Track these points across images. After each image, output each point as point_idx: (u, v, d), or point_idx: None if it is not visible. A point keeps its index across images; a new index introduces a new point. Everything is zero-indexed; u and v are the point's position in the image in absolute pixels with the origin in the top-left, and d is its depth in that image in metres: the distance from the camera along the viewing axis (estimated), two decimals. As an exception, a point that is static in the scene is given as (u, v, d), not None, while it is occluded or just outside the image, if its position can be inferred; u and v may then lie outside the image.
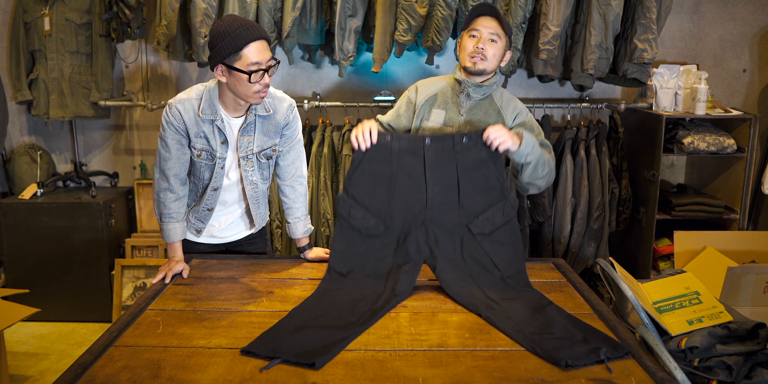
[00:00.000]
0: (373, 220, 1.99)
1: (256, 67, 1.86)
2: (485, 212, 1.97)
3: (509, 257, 1.95)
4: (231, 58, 1.85)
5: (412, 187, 1.99)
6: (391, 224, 1.98)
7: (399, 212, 1.98)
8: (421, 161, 1.99)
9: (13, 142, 3.76)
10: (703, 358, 1.72)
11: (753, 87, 3.71)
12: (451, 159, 1.98)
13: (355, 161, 2.01)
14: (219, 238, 2.25)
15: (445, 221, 1.97)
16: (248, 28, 1.86)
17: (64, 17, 3.39)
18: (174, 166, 2.03)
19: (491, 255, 1.94)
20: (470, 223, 1.97)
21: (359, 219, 1.99)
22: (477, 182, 1.98)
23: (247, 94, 1.90)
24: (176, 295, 1.88)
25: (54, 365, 3.08)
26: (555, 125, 3.64)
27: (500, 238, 1.96)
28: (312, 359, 1.43)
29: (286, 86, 3.65)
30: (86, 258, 3.51)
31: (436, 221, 1.97)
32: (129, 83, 3.72)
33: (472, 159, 1.97)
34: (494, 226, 1.96)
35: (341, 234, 2.01)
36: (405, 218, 1.98)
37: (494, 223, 1.96)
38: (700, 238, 3.11)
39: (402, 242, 1.96)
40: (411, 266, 1.92)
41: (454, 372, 1.42)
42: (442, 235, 1.97)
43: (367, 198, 2.00)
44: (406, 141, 2.01)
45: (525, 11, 3.03)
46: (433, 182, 1.98)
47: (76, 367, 1.42)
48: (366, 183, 2.01)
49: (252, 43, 1.85)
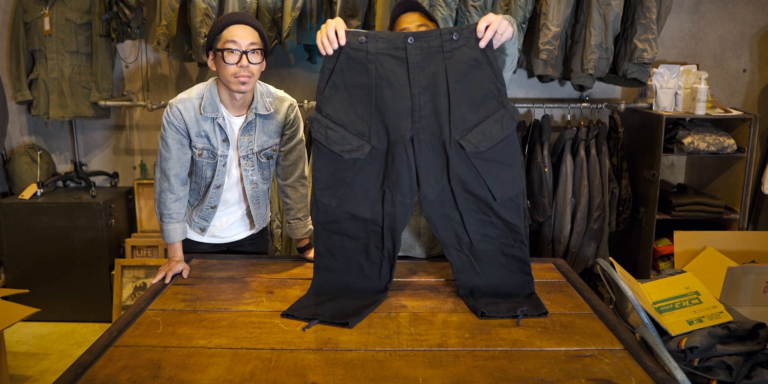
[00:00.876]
0: (355, 140, 1.75)
1: (231, 46, 1.89)
2: (480, 124, 1.73)
3: (504, 178, 1.74)
4: (214, 41, 1.94)
5: (396, 98, 1.73)
6: (376, 143, 1.75)
7: (383, 128, 1.75)
8: (404, 65, 1.71)
9: (13, 142, 3.76)
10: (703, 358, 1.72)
11: (753, 87, 3.71)
12: (439, 61, 1.71)
13: (326, 72, 1.74)
14: (220, 238, 2.25)
15: (434, 137, 1.74)
16: (236, 14, 1.96)
17: (64, 17, 3.39)
18: (175, 166, 2.03)
19: (484, 175, 1.74)
20: (462, 138, 1.72)
21: (338, 141, 1.75)
22: (470, 89, 1.72)
23: (227, 78, 1.92)
24: (176, 295, 1.88)
25: (54, 365, 3.08)
26: (555, 125, 3.64)
27: (496, 157, 1.74)
28: (346, 319, 1.61)
29: (286, 86, 3.65)
30: (86, 258, 3.51)
31: (425, 136, 1.74)
32: (129, 83, 3.72)
33: (464, 60, 1.70)
34: (491, 142, 1.73)
35: (321, 161, 1.78)
36: (390, 135, 1.75)
37: (491, 138, 1.73)
38: (700, 238, 3.11)
39: (390, 163, 1.75)
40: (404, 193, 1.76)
41: (454, 372, 1.42)
42: (430, 154, 1.75)
43: (344, 115, 1.76)
44: (384, 41, 1.72)
45: (525, 11, 3.03)
46: (420, 90, 1.72)
47: (76, 367, 1.42)
48: (341, 97, 1.75)
49: (233, 25, 1.92)
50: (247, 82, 1.93)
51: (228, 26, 1.92)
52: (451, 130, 1.73)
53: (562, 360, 1.47)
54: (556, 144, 3.39)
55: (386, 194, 1.77)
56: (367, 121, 1.75)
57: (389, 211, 1.77)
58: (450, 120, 1.73)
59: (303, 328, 1.61)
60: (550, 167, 3.31)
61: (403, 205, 1.77)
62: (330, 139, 1.76)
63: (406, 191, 1.76)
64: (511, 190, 1.76)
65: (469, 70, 1.71)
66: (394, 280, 1.95)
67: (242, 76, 1.91)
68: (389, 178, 1.76)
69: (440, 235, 1.80)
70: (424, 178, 1.75)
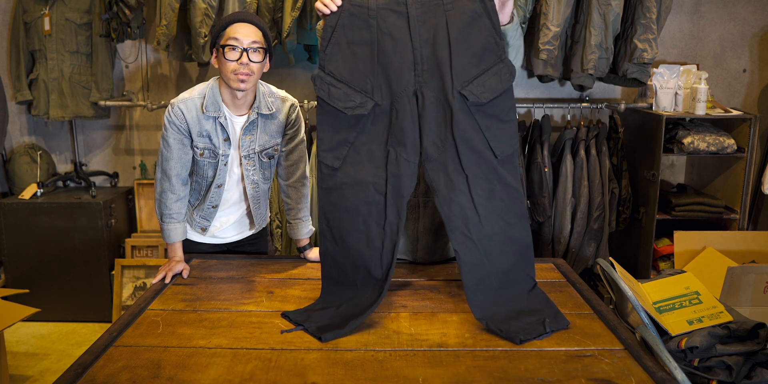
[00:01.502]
0: (358, 97, 1.74)
1: (232, 43, 1.91)
2: (480, 77, 1.73)
3: (502, 135, 1.74)
4: (218, 38, 1.96)
5: (398, 52, 1.72)
6: (379, 99, 1.74)
7: (386, 83, 1.74)
8: (405, 19, 1.72)
9: (13, 142, 3.76)
10: (703, 358, 1.72)
11: (753, 87, 3.71)
12: (439, 13, 1.71)
13: (328, 30, 1.74)
14: (220, 238, 2.25)
15: (437, 88, 1.73)
16: (240, 12, 1.99)
17: (64, 17, 3.39)
18: (176, 166, 2.03)
19: (484, 130, 1.72)
20: (464, 88, 1.71)
21: (341, 98, 1.74)
22: (470, 40, 1.72)
23: (227, 75, 1.93)
24: (176, 295, 1.88)
25: (54, 365, 3.08)
26: (555, 125, 3.64)
27: (495, 111, 1.73)
28: (321, 334, 1.57)
29: (286, 86, 3.65)
30: (86, 258, 3.51)
31: (428, 90, 1.73)
32: (129, 83, 3.72)
33: (464, 11, 1.71)
34: (491, 94, 1.72)
35: (324, 119, 1.76)
36: (394, 90, 1.73)
37: (491, 90, 1.72)
38: (700, 238, 3.11)
39: (395, 119, 1.73)
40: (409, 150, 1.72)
41: (454, 372, 1.42)
42: (434, 109, 1.73)
43: (347, 72, 1.75)
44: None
45: (525, 11, 3.03)
46: (421, 44, 1.72)
47: (76, 367, 1.42)
48: (344, 54, 1.75)
49: (237, 23, 1.94)
50: (246, 80, 1.92)
51: (231, 24, 1.94)
52: (453, 81, 1.71)
53: (562, 360, 1.47)
54: (556, 144, 3.39)
55: (390, 154, 1.73)
56: (370, 77, 1.74)
57: (393, 172, 1.72)
58: (452, 71, 1.71)
59: (281, 331, 1.61)
60: (550, 167, 3.31)
61: (408, 164, 1.72)
62: (333, 96, 1.74)
63: (410, 148, 1.72)
64: (509, 148, 1.75)
65: (469, 22, 1.71)
66: (394, 280, 1.95)
67: (241, 74, 1.91)
68: (393, 135, 1.73)
69: (445, 212, 1.71)
70: (428, 135, 1.72)
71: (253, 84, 1.96)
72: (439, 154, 1.73)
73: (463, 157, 1.71)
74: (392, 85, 1.73)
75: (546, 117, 3.35)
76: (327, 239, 1.80)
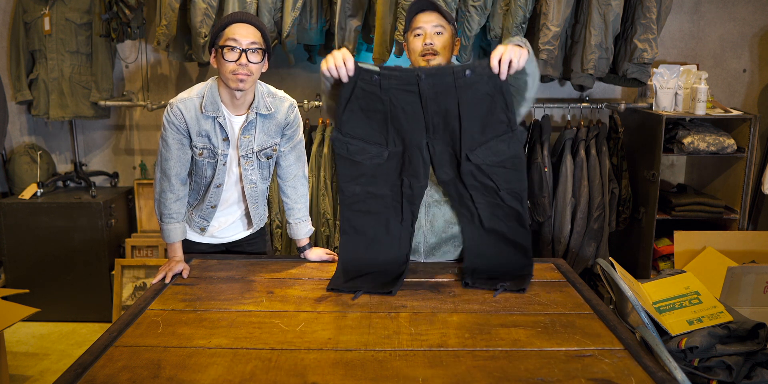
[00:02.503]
0: (374, 149, 1.91)
1: (231, 43, 1.91)
2: (487, 143, 1.86)
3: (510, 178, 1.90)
4: (217, 38, 1.96)
5: (410, 120, 1.86)
6: (393, 150, 1.91)
7: (398, 138, 1.89)
8: (417, 97, 1.82)
9: (13, 142, 3.76)
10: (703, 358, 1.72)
11: (753, 87, 3.71)
12: (451, 94, 1.81)
13: (342, 100, 1.86)
14: (219, 238, 2.26)
15: (447, 146, 1.89)
16: (239, 13, 1.99)
17: (64, 17, 3.39)
18: (175, 166, 2.03)
19: (491, 175, 1.89)
20: (471, 152, 1.86)
21: (359, 152, 1.92)
22: (481, 116, 1.84)
23: (225, 75, 1.93)
24: (176, 295, 1.88)
25: (54, 365, 3.08)
26: (555, 125, 3.64)
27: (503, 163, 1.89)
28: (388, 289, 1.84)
29: (286, 86, 3.65)
30: (86, 258, 3.51)
31: (438, 144, 1.89)
32: (129, 83, 3.72)
33: (477, 94, 1.81)
34: (497, 157, 1.87)
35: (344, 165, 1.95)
36: (406, 143, 1.89)
37: (497, 153, 1.87)
38: (700, 238, 3.11)
39: (407, 161, 1.92)
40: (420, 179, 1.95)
41: (454, 372, 1.42)
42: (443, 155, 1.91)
43: (362, 132, 1.90)
44: (396, 78, 1.81)
45: (525, 11, 3.03)
46: (432, 114, 1.84)
47: (76, 367, 1.42)
48: (358, 118, 1.89)
49: (236, 23, 1.94)
50: (245, 79, 1.93)
51: (231, 24, 1.94)
52: (461, 147, 1.86)
53: (562, 360, 1.47)
54: (556, 144, 3.39)
55: (404, 181, 1.94)
56: (384, 133, 1.89)
57: (407, 192, 1.95)
58: (461, 139, 1.85)
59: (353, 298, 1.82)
60: (550, 167, 3.31)
61: (419, 187, 1.96)
62: (351, 152, 1.92)
63: (422, 178, 1.94)
64: (516, 186, 1.92)
65: (481, 99, 1.81)
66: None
67: (240, 74, 1.91)
68: (406, 170, 1.93)
69: (457, 208, 2.01)
70: (439, 168, 1.93)
71: (251, 84, 1.96)
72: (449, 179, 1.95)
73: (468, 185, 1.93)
74: (405, 139, 1.89)
75: (546, 117, 3.35)
76: (348, 234, 2.00)
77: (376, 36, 3.14)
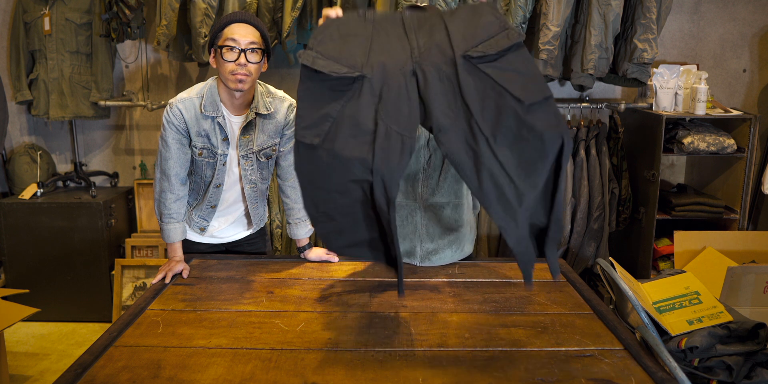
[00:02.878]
0: (345, 68, 1.57)
1: (230, 43, 1.91)
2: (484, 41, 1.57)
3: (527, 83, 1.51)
4: (215, 38, 1.95)
5: (393, 41, 1.63)
6: (369, 73, 1.57)
7: (377, 63, 1.58)
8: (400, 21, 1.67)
9: (13, 142, 3.76)
10: (703, 358, 1.72)
11: (753, 87, 3.71)
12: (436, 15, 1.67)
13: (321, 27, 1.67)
14: (219, 238, 2.26)
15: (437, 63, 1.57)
16: (239, 13, 1.99)
17: (64, 17, 3.39)
18: (174, 166, 2.03)
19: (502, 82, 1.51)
20: (466, 51, 1.56)
21: (327, 66, 1.56)
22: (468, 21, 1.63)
23: (225, 75, 1.93)
24: (176, 295, 1.88)
25: (54, 365, 3.08)
26: (555, 125, 3.64)
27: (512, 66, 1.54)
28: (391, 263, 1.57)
29: (286, 86, 3.65)
30: (86, 258, 3.51)
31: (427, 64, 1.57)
32: (129, 83, 3.72)
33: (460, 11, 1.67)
34: (498, 48, 1.55)
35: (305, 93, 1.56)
36: (387, 69, 1.57)
37: (497, 46, 1.55)
38: (700, 238, 3.11)
39: (386, 93, 1.55)
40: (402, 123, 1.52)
41: (454, 372, 1.42)
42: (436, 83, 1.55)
43: (336, 52, 1.60)
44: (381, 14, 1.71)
45: (525, 11, 3.03)
46: (417, 35, 1.64)
47: (76, 367, 1.42)
48: (335, 40, 1.63)
49: (235, 23, 1.94)
50: (244, 80, 1.93)
51: (230, 24, 1.94)
52: (454, 52, 1.57)
53: (562, 360, 1.47)
54: (556, 144, 3.39)
55: (379, 127, 1.51)
56: (360, 57, 1.59)
57: (383, 145, 1.48)
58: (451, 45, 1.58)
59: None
60: (550, 167, 3.31)
61: (400, 139, 1.49)
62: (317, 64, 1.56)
63: (404, 122, 1.52)
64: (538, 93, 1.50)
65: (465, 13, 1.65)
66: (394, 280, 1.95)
67: (239, 74, 1.91)
68: (384, 109, 1.53)
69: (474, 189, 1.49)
70: (436, 107, 1.52)
71: (251, 84, 1.96)
72: (452, 122, 1.51)
73: (479, 117, 1.49)
74: (385, 65, 1.58)
75: (546, 117, 3.34)
76: (320, 221, 1.60)
77: (376, 36, 3.13)
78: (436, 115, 1.52)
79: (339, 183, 1.53)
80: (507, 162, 1.48)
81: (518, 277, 2.04)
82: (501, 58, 1.55)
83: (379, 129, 1.50)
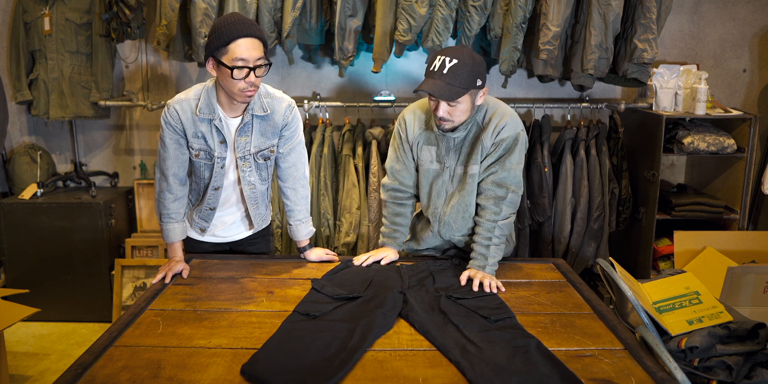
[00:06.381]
0: (346, 291, 1.88)
1: (240, 64, 1.85)
2: (465, 286, 1.94)
3: (495, 307, 1.77)
4: (219, 52, 1.86)
5: (388, 282, 1.95)
6: (366, 295, 1.86)
7: (373, 292, 1.87)
8: (397, 272, 2.04)
9: (13, 142, 3.76)
10: (703, 358, 1.72)
11: (753, 87, 3.71)
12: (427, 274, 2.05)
13: (333, 270, 2.08)
14: (221, 237, 2.25)
15: (423, 294, 1.86)
16: (242, 24, 1.86)
17: (64, 17, 3.39)
18: (173, 166, 2.03)
19: (475, 309, 1.76)
20: (447, 292, 1.88)
21: (331, 289, 1.89)
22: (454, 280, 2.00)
23: (233, 90, 1.90)
24: (176, 295, 1.88)
25: (54, 365, 3.08)
26: (555, 125, 3.64)
27: (484, 302, 1.81)
28: None
29: (286, 86, 3.65)
30: (86, 258, 3.51)
31: (413, 293, 1.85)
32: (129, 83, 3.72)
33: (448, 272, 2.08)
34: (476, 294, 1.87)
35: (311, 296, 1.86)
36: (380, 293, 1.85)
37: (477, 293, 1.88)
38: (700, 238, 3.11)
39: (378, 304, 1.77)
40: (387, 308, 1.74)
41: (454, 372, 1.42)
42: (419, 299, 1.82)
43: (338, 286, 1.93)
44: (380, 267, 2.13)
45: (525, 11, 3.03)
46: (410, 283, 1.95)
47: (76, 367, 1.42)
48: (340, 278, 2.00)
49: (241, 39, 1.84)
50: (252, 94, 1.93)
51: (235, 39, 1.84)
52: (438, 290, 1.90)
53: (561, 360, 1.47)
54: (556, 144, 3.39)
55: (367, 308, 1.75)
56: (360, 289, 1.90)
57: (366, 321, 1.65)
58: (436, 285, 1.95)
59: None
60: (550, 167, 3.31)
61: (383, 316, 1.69)
62: (324, 288, 1.90)
63: (389, 306, 1.75)
64: (505, 314, 1.73)
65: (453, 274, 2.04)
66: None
67: (249, 91, 1.90)
68: (374, 301, 1.79)
69: (437, 342, 1.59)
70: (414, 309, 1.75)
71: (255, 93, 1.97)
72: (427, 314, 1.73)
73: (453, 317, 1.70)
74: (379, 292, 1.86)
75: (546, 117, 3.35)
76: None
77: (376, 36, 3.13)
78: (412, 315, 1.72)
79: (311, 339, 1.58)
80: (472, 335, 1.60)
81: (518, 277, 2.04)
82: (477, 296, 1.86)
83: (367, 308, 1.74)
